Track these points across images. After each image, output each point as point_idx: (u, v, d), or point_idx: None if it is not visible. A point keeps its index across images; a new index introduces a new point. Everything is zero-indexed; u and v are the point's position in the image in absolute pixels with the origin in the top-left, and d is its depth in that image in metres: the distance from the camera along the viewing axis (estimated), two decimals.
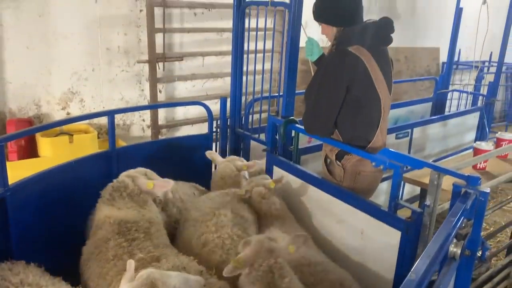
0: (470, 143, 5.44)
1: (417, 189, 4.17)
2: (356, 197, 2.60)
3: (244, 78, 3.84)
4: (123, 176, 2.62)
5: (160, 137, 5.35)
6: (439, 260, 1.55)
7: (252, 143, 3.93)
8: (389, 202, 2.38)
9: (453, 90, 6.22)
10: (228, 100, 3.92)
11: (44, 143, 4.17)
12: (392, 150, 2.41)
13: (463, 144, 5.41)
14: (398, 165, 2.33)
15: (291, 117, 3.07)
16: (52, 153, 4.14)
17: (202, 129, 5.57)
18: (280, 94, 3.39)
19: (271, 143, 3.19)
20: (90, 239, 2.44)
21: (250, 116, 4.01)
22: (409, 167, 2.80)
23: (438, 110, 5.98)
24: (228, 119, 3.91)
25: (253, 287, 1.93)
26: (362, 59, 2.54)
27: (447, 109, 6.17)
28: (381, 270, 2.47)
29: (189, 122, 5.57)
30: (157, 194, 2.64)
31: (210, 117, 3.74)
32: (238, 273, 2.02)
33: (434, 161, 3.87)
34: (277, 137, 3.18)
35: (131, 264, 1.80)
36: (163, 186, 2.62)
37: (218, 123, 3.92)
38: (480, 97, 6.06)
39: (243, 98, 3.94)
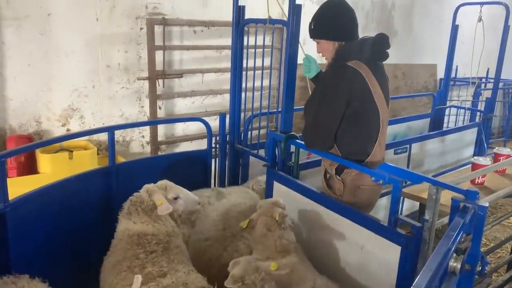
0: (469, 159, 5.45)
1: (417, 205, 4.17)
2: (356, 212, 2.60)
3: (243, 94, 3.87)
4: (143, 189, 2.69)
5: (160, 153, 5.37)
6: (440, 274, 1.55)
7: (251, 159, 3.94)
8: (389, 217, 2.38)
9: (451, 106, 6.27)
10: (227, 116, 3.95)
11: (43, 160, 4.18)
12: (391, 164, 2.43)
13: (462, 159, 5.43)
14: (397, 179, 2.34)
15: (292, 133, 3.09)
16: (52, 169, 4.14)
17: (201, 145, 5.57)
18: (279, 110, 3.42)
19: (271, 159, 3.20)
20: (111, 249, 2.52)
21: (249, 132, 4.04)
22: (408, 182, 2.81)
23: (436, 125, 6.01)
24: (227, 135, 3.93)
25: None
26: (361, 72, 2.59)
27: (445, 124, 6.20)
28: (381, 285, 2.46)
29: (188, 138, 5.59)
30: (164, 212, 2.61)
31: (209, 133, 3.76)
32: None
33: (433, 176, 3.89)
34: (277, 152, 3.19)
35: (138, 279, 1.80)
36: (165, 209, 2.60)
37: (217, 139, 3.93)
38: (478, 113, 6.11)
39: (242, 114, 3.97)
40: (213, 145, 3.90)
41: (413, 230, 2.28)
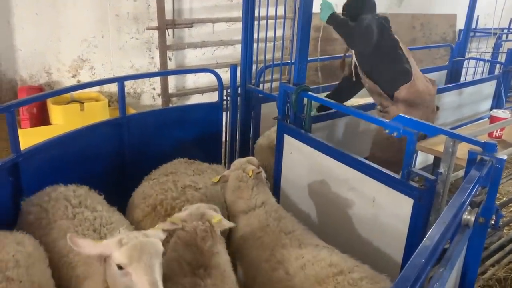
0: (486, 112, 5.32)
1: (430, 159, 4.12)
2: (367, 164, 2.56)
3: (255, 45, 3.75)
4: None
5: (171, 106, 5.34)
6: (454, 227, 1.53)
7: (263, 111, 3.88)
8: (402, 169, 2.34)
9: (469, 58, 6.04)
10: (239, 68, 3.84)
11: (55, 111, 4.18)
12: (406, 116, 2.36)
13: (478, 113, 5.30)
14: (412, 132, 2.28)
15: (304, 85, 3.00)
16: (64, 120, 4.16)
17: (212, 98, 5.49)
18: (292, 61, 3.32)
19: (282, 111, 3.14)
20: None
21: (261, 85, 3.94)
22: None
23: (454, 78, 5.82)
24: (239, 88, 3.84)
25: (177, 245, 2.04)
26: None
27: (462, 77, 6.01)
28: (392, 238, 2.46)
29: (199, 91, 5.52)
30: None
31: (220, 85, 3.68)
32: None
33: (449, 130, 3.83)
34: (288, 105, 3.13)
35: None
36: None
37: (229, 91, 3.85)
38: (498, 65, 5.88)
39: (254, 66, 3.86)
40: (224, 98, 3.83)
41: (427, 183, 2.24)
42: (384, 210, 2.50)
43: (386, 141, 3.29)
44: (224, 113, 3.85)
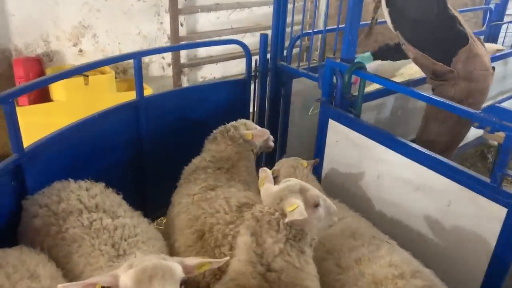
0: None
1: (468, 136, 3.70)
2: (444, 162, 2.13)
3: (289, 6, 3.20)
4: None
5: (182, 77, 4.83)
6: None
7: (294, 89, 3.39)
8: (494, 171, 1.92)
9: (509, 22, 5.49)
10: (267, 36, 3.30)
11: (56, 86, 3.70)
12: (503, 107, 1.90)
13: None
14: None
15: (358, 62, 2.52)
16: (66, 96, 3.70)
17: (226, 68, 5.05)
18: (339, 27, 2.80)
19: (328, 92, 2.68)
20: None
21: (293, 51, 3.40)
22: None
23: None
24: (269, 61, 3.31)
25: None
26: None
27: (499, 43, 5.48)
28: (472, 252, 2.07)
29: (213, 60, 5.00)
30: (256, 143, 2.71)
31: (248, 58, 3.17)
32: None
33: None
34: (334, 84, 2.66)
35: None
36: (260, 135, 2.69)
37: (257, 65, 3.30)
38: None
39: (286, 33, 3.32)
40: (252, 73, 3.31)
41: None
42: (462, 217, 2.09)
43: (438, 121, 2.85)
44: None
